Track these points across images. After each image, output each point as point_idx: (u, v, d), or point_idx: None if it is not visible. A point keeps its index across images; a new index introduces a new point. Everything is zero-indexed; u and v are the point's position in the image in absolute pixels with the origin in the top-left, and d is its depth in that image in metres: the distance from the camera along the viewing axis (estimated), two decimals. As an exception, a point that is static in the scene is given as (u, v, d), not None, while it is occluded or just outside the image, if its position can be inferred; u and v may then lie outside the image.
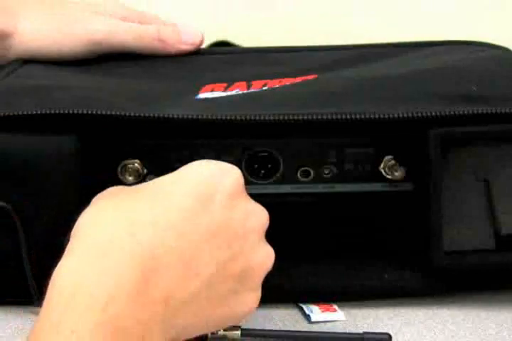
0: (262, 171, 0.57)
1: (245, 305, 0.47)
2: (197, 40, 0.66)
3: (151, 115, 0.53)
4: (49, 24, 0.64)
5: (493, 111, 0.52)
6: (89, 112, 0.52)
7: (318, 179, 0.57)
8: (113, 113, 0.53)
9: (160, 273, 0.42)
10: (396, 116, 0.52)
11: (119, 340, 0.39)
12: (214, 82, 0.59)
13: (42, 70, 0.63)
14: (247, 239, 0.46)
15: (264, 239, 0.48)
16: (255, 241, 0.47)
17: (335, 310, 0.56)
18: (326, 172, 0.57)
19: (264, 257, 0.48)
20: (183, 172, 0.47)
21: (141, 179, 0.56)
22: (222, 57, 0.65)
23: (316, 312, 0.55)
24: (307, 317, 0.55)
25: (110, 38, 0.64)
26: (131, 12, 0.68)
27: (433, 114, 0.52)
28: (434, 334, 0.54)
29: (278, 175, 0.57)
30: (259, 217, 0.48)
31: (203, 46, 0.72)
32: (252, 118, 0.52)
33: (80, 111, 0.52)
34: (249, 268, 0.47)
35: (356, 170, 0.57)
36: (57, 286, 0.41)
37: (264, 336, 0.53)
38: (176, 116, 0.52)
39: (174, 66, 0.65)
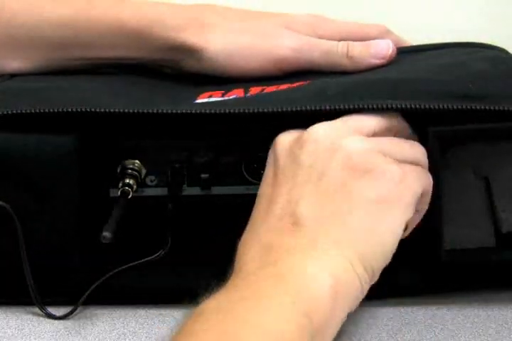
0: (262, 171, 0.57)
1: None
2: (387, 54, 0.62)
3: (148, 111, 0.53)
4: (240, 40, 0.62)
5: (491, 108, 0.51)
6: (87, 110, 0.52)
7: None
8: (111, 110, 0.53)
9: None
10: (394, 106, 0.51)
11: None
12: (212, 90, 0.59)
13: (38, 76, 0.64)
14: None
15: None
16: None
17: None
18: (326, 171, 0.57)
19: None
20: None
21: (140, 180, 0.56)
22: None
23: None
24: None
25: (296, 55, 0.62)
26: (328, 23, 0.66)
27: (431, 106, 0.51)
28: (434, 334, 0.54)
29: (278, 175, 0.57)
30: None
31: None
32: (252, 111, 0.52)
33: (79, 110, 0.52)
34: None
35: None
36: None
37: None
38: (172, 111, 0.52)
39: (173, 75, 0.65)
